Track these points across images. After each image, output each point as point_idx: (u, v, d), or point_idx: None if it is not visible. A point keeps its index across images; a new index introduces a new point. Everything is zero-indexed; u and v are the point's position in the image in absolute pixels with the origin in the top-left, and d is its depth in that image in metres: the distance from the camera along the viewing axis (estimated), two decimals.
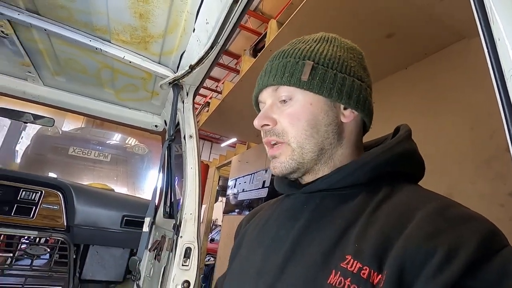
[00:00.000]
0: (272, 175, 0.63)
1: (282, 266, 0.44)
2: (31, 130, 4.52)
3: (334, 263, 0.39)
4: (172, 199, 1.36)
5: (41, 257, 2.40)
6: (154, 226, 1.47)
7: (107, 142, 4.08)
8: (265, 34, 2.86)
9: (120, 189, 3.70)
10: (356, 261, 0.37)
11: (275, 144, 0.52)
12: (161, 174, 1.46)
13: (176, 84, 1.24)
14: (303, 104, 0.49)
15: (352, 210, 0.44)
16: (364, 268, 0.36)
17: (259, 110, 0.60)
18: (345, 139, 0.52)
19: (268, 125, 0.52)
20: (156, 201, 1.46)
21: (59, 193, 1.66)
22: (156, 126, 1.76)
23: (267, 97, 0.54)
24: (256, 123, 0.52)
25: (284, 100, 0.51)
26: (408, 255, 0.34)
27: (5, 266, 2.19)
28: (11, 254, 2.25)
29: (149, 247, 1.35)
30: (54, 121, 1.78)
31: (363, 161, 0.47)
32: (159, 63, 1.23)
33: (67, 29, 1.09)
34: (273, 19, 2.34)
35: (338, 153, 0.52)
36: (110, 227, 1.69)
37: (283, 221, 0.52)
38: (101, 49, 1.14)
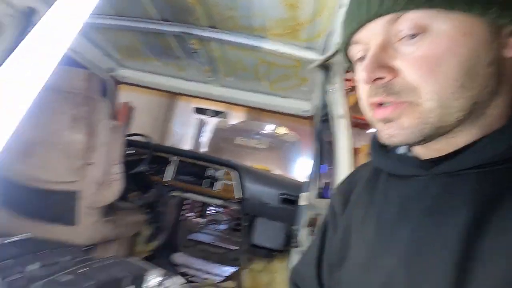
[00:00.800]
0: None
1: None
2: (210, 125, 5.81)
3: None
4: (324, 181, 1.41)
5: (223, 223, 3.15)
6: (308, 204, 1.58)
7: (263, 132, 4.68)
8: None
9: (275, 171, 4.17)
10: None
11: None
12: (313, 156, 1.53)
13: (323, 66, 1.26)
14: (450, 36, 0.30)
15: None
16: None
17: (348, 61, 0.41)
18: (504, 84, 0.33)
19: (382, 78, 0.33)
20: (310, 182, 1.55)
21: (235, 171, 2.06)
22: (306, 111, 1.86)
23: (374, 34, 0.34)
24: (365, 76, 0.34)
25: (412, 35, 0.32)
26: None
27: (201, 226, 3.00)
28: (205, 219, 3.06)
29: (304, 222, 1.47)
30: (226, 114, 2.23)
31: None
32: (307, 48, 1.29)
33: (233, 35, 1.32)
34: None
35: (491, 107, 0.33)
36: (270, 202, 1.95)
37: (418, 219, 0.35)
38: (259, 47, 1.32)
